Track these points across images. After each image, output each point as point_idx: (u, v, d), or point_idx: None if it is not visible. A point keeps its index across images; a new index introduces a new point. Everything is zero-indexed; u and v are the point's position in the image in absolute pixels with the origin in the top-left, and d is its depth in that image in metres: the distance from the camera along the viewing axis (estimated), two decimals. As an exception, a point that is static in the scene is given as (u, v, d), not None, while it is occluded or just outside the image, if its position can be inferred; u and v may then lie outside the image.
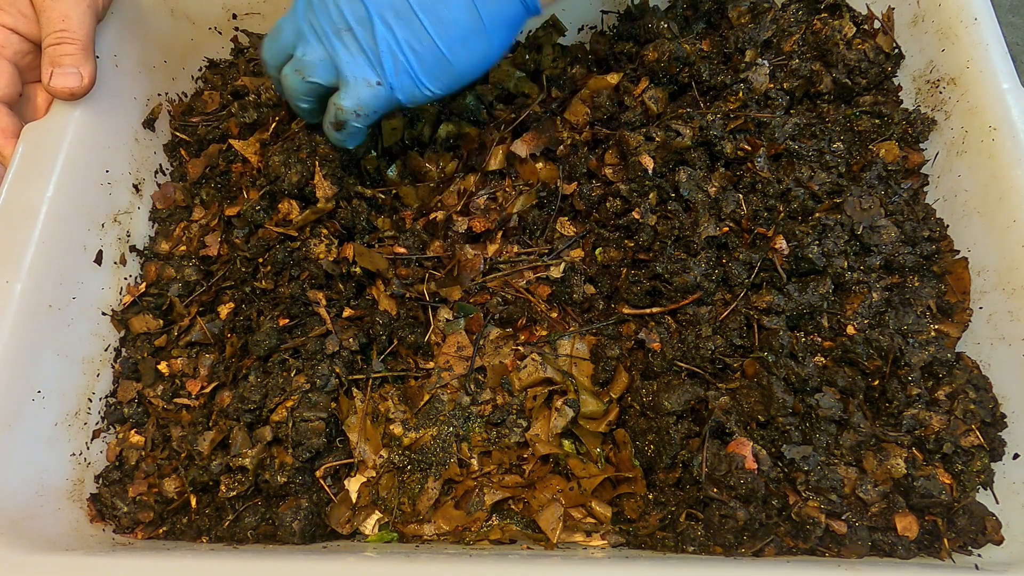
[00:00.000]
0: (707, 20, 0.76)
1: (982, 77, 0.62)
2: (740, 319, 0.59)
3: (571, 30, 0.79)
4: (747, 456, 0.53)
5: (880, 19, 0.71)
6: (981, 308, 0.59)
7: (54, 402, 0.57)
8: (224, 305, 0.65)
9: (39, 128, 0.61)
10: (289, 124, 0.71)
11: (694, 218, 0.62)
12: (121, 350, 0.65)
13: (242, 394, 0.59)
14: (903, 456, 0.53)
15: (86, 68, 0.61)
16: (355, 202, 0.66)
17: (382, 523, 0.58)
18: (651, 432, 0.56)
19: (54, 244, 0.58)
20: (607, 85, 0.72)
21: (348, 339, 0.61)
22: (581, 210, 0.69)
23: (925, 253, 0.62)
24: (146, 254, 0.69)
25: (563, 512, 0.56)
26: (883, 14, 0.71)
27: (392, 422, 0.60)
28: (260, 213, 0.65)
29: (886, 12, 0.71)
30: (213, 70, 0.80)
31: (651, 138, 0.67)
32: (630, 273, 0.63)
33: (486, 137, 0.72)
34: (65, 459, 0.58)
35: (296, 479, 0.56)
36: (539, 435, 0.58)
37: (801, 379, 0.55)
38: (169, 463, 0.60)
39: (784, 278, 0.60)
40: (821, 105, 0.70)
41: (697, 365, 0.58)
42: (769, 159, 0.66)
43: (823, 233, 0.61)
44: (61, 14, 0.60)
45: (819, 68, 0.69)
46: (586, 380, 0.60)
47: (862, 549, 0.51)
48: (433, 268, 0.67)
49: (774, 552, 0.52)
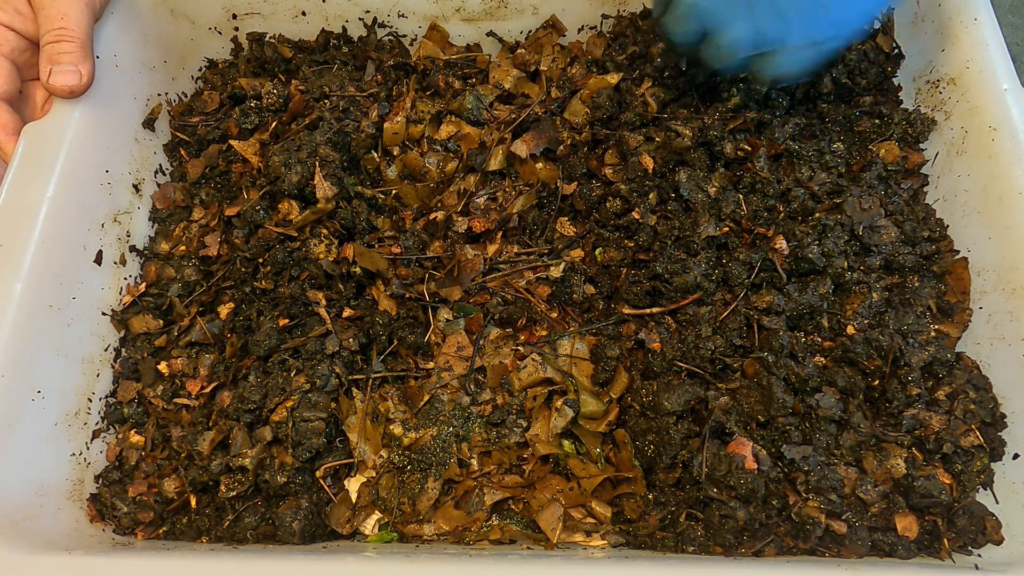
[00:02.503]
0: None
1: (982, 77, 0.62)
2: (740, 319, 0.59)
3: (571, 30, 0.79)
4: (747, 456, 0.53)
5: (880, 19, 0.71)
6: (981, 308, 0.59)
7: (54, 402, 0.57)
8: (224, 305, 0.65)
9: (39, 128, 0.61)
10: (289, 124, 0.71)
11: (694, 218, 0.62)
12: (121, 350, 0.65)
13: (242, 394, 0.59)
14: (903, 456, 0.53)
15: (85, 66, 0.61)
16: (355, 202, 0.66)
17: (382, 523, 0.58)
18: (651, 432, 0.56)
19: (54, 244, 0.58)
20: (607, 85, 0.72)
21: (348, 339, 0.61)
22: (581, 210, 0.69)
23: (925, 253, 0.62)
24: (146, 254, 0.69)
25: (563, 512, 0.56)
26: (882, 14, 0.71)
27: (392, 422, 0.60)
28: (260, 213, 0.65)
29: (886, 12, 0.71)
30: (213, 70, 0.80)
31: (651, 138, 0.67)
32: (630, 273, 0.63)
33: (486, 137, 0.72)
34: (65, 459, 0.58)
35: (296, 479, 0.56)
36: (539, 435, 0.58)
37: (801, 379, 0.55)
38: (169, 463, 0.60)
39: (784, 278, 0.60)
40: (821, 105, 0.70)
41: (697, 365, 0.58)
42: (769, 159, 0.66)
43: (823, 233, 0.61)
44: (59, 12, 0.60)
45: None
46: (586, 380, 0.60)
47: (862, 549, 0.51)
48: (433, 268, 0.67)
49: (774, 552, 0.52)
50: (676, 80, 0.71)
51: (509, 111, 0.74)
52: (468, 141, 0.72)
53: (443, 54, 0.78)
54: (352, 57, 0.78)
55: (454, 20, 0.78)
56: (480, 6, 0.77)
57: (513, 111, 0.73)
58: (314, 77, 0.75)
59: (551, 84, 0.75)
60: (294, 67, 0.77)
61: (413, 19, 0.78)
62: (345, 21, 0.79)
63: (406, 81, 0.76)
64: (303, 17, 0.78)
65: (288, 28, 0.79)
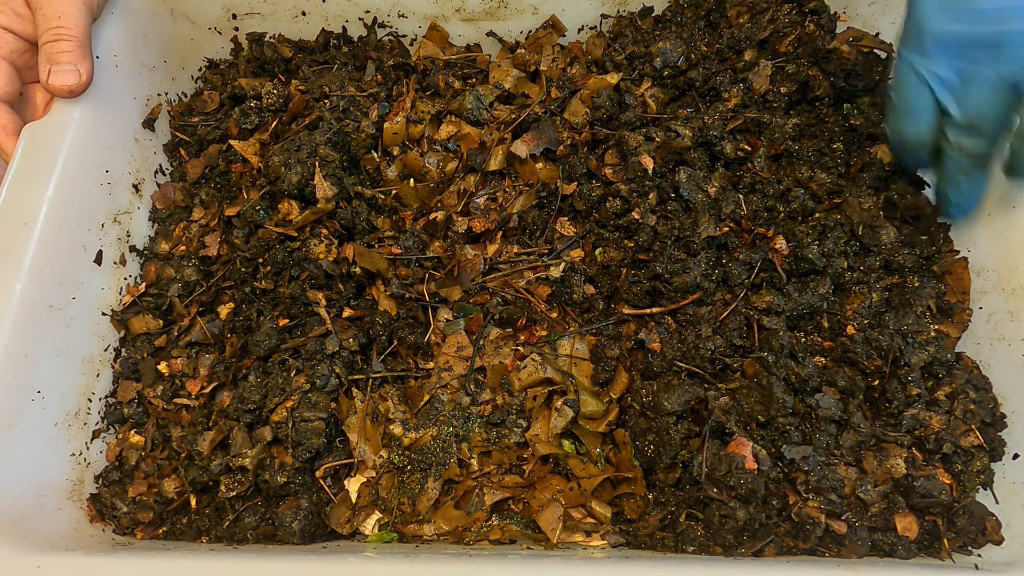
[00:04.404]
0: (707, 19, 0.76)
1: (982, 77, 0.62)
2: (740, 319, 0.59)
3: (571, 30, 0.79)
4: (747, 456, 0.53)
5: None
6: (981, 308, 0.59)
7: (54, 402, 0.57)
8: (224, 305, 0.65)
9: (39, 128, 0.61)
10: (289, 124, 0.71)
11: (694, 218, 0.62)
12: (121, 350, 0.65)
13: (242, 394, 0.59)
14: (903, 456, 0.53)
15: (84, 65, 0.61)
16: (355, 202, 0.66)
17: (382, 523, 0.58)
18: (651, 432, 0.56)
19: (54, 244, 0.58)
20: (607, 85, 0.72)
21: (348, 339, 0.61)
22: (581, 210, 0.69)
23: (925, 253, 0.62)
24: (146, 254, 0.69)
25: (563, 512, 0.56)
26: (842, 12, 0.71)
27: (392, 422, 0.60)
28: (260, 213, 0.65)
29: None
30: (213, 70, 0.80)
31: (651, 138, 0.67)
32: (630, 273, 0.63)
33: (486, 137, 0.72)
34: (65, 459, 0.58)
35: (296, 479, 0.56)
36: (539, 435, 0.58)
37: (801, 379, 0.55)
38: (169, 463, 0.60)
39: (784, 278, 0.60)
40: (819, 107, 0.70)
41: (697, 365, 0.58)
42: (769, 159, 0.66)
43: (823, 233, 0.61)
44: (57, 11, 0.60)
45: (816, 73, 0.68)
46: (586, 380, 0.60)
47: (862, 549, 0.51)
48: (433, 268, 0.67)
49: (774, 552, 0.52)
50: (676, 80, 0.72)
51: (509, 111, 0.74)
52: (468, 141, 0.72)
53: (443, 54, 0.78)
54: (352, 57, 0.78)
55: (454, 20, 0.78)
56: (480, 6, 0.77)
57: (513, 111, 0.73)
58: (314, 77, 0.75)
59: (551, 84, 0.75)
60: (294, 67, 0.77)
61: (413, 19, 0.78)
62: (345, 21, 0.79)
63: (406, 81, 0.76)
64: (303, 17, 0.78)
65: (288, 28, 0.79)
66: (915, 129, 0.52)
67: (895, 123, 0.53)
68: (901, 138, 0.53)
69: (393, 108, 0.72)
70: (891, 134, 0.54)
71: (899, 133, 0.53)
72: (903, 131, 0.52)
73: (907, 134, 0.52)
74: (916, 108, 0.51)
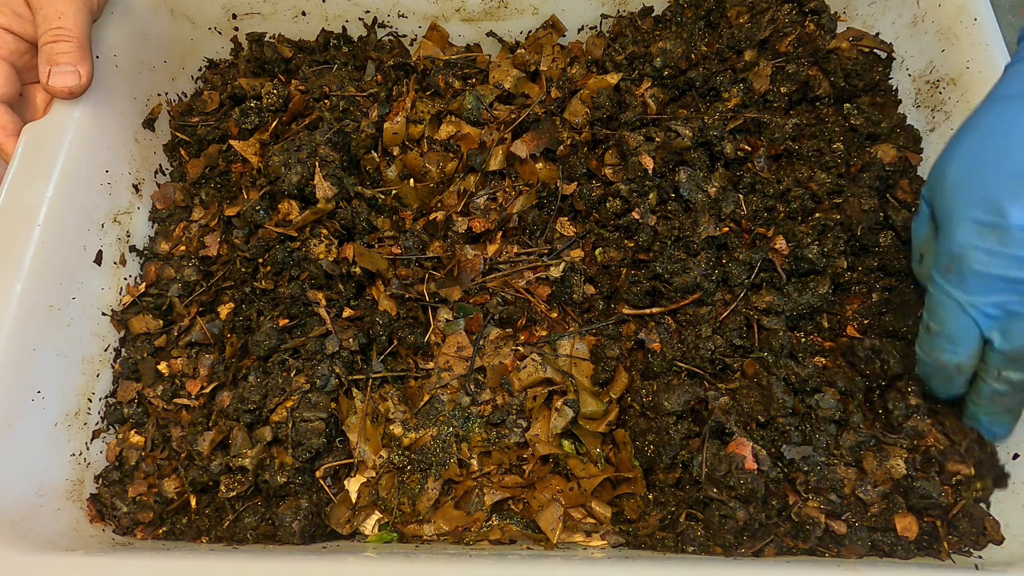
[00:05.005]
0: (707, 19, 0.76)
1: (982, 77, 0.62)
2: (740, 319, 0.59)
3: (571, 30, 0.79)
4: (747, 456, 0.53)
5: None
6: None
7: (54, 402, 0.57)
8: (224, 305, 0.65)
9: (39, 128, 0.61)
10: (289, 124, 0.71)
11: (694, 218, 0.62)
12: (121, 350, 0.65)
13: (242, 394, 0.59)
14: (903, 457, 0.53)
15: (84, 66, 0.61)
16: (355, 202, 0.66)
17: (382, 523, 0.58)
18: (651, 432, 0.56)
19: (54, 244, 0.58)
20: (607, 85, 0.72)
21: (348, 339, 0.61)
22: (581, 210, 0.69)
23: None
24: (146, 254, 0.69)
25: (563, 512, 0.56)
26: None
27: (392, 422, 0.60)
28: (260, 213, 0.65)
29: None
30: (213, 70, 0.80)
31: (651, 138, 0.67)
32: (630, 273, 0.63)
33: (486, 137, 0.72)
34: (65, 459, 0.58)
35: (296, 479, 0.56)
36: (539, 435, 0.58)
37: (801, 379, 0.55)
38: (169, 463, 0.60)
39: (784, 278, 0.60)
40: (819, 107, 0.70)
41: (697, 365, 0.58)
42: (769, 159, 0.66)
43: (823, 233, 0.61)
44: (57, 12, 0.60)
45: (816, 73, 0.68)
46: (586, 380, 0.60)
47: (862, 549, 0.51)
48: (433, 268, 0.67)
49: (774, 552, 0.52)
50: (676, 80, 0.72)
51: (509, 111, 0.74)
52: (468, 141, 0.72)
53: (443, 54, 0.78)
54: (352, 57, 0.78)
55: (454, 20, 0.78)
56: (480, 6, 0.77)
57: (513, 111, 0.73)
58: (314, 77, 0.75)
59: (551, 84, 0.75)
60: (294, 67, 0.77)
61: (413, 19, 0.78)
62: (345, 21, 0.79)
63: (406, 81, 0.76)
64: (303, 17, 0.78)
65: (288, 28, 0.79)
66: (954, 358, 0.49)
67: (931, 349, 0.50)
68: (938, 364, 0.50)
69: (393, 108, 0.72)
70: (924, 357, 0.51)
71: (936, 359, 0.50)
72: (940, 358, 0.50)
73: (945, 361, 0.50)
74: (957, 336, 0.48)
